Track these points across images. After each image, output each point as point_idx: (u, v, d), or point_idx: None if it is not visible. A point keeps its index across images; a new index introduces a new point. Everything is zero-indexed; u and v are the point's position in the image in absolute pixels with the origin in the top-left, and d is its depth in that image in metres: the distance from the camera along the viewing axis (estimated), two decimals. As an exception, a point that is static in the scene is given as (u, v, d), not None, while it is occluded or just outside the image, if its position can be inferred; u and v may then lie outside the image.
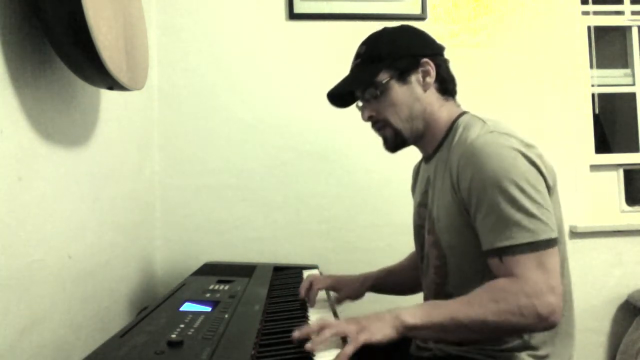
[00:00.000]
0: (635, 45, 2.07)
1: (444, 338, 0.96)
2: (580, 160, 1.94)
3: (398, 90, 1.01)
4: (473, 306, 0.83)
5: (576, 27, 1.97)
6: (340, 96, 1.11)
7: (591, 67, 2.01)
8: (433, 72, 1.01)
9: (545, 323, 0.82)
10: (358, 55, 1.06)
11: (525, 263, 0.83)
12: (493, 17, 1.91)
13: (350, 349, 0.77)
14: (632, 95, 2.08)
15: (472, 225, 0.91)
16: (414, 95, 1.01)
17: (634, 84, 2.07)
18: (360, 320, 0.83)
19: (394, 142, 1.06)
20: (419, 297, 1.19)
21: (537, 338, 0.92)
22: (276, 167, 1.81)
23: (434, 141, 1.05)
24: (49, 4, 0.80)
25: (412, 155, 1.82)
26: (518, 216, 0.84)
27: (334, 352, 0.78)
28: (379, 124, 1.05)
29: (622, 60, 2.11)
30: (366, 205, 1.83)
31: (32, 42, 0.89)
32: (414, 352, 1.08)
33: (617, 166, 2.02)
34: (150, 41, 1.47)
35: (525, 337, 0.91)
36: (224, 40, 1.81)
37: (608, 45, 2.16)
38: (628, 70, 2.08)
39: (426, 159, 1.10)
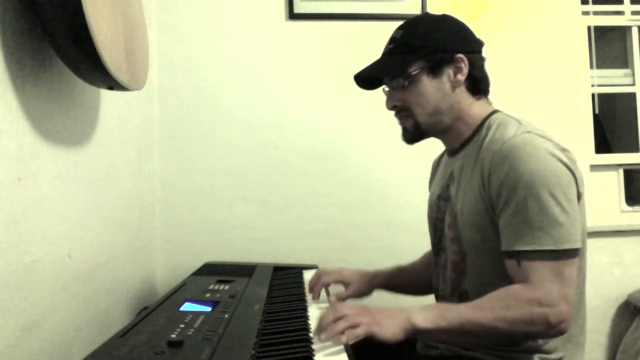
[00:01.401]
0: (635, 45, 2.07)
1: (452, 342, 0.96)
2: (580, 160, 1.92)
3: (427, 84, 0.99)
4: (484, 312, 0.82)
5: (576, 27, 1.97)
6: (368, 79, 1.08)
7: (591, 67, 2.01)
8: (465, 70, 0.99)
9: (554, 331, 0.82)
10: (392, 40, 1.03)
11: (543, 270, 0.82)
12: (493, 17, 1.91)
13: (360, 331, 0.78)
14: (632, 95, 2.08)
15: (496, 224, 0.90)
16: (442, 90, 0.99)
17: (634, 84, 2.07)
18: (373, 311, 0.83)
19: (412, 134, 1.04)
20: (428, 298, 1.19)
21: (549, 342, 0.91)
22: (276, 167, 1.81)
23: (461, 136, 1.03)
24: (49, 4, 0.80)
25: (412, 155, 1.82)
26: (544, 222, 0.83)
27: (334, 351, 0.78)
28: (403, 114, 1.04)
29: (622, 60, 2.11)
30: (366, 205, 1.83)
31: (32, 42, 0.88)
32: (421, 350, 1.07)
33: (617, 166, 2.02)
34: (150, 41, 1.47)
35: (540, 341, 0.90)
36: (224, 40, 1.81)
37: (608, 45, 2.16)
38: (628, 70, 2.08)
39: (450, 152, 1.08)
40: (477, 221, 0.94)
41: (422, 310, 0.83)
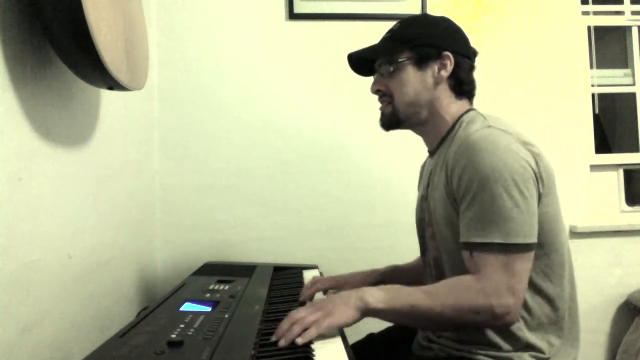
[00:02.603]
0: (635, 45, 2.07)
1: (402, 323, 1.01)
2: (580, 160, 1.94)
3: (411, 73, 1.03)
4: (433, 298, 0.86)
5: (576, 27, 1.97)
6: (361, 64, 1.13)
7: (591, 67, 2.01)
8: (449, 67, 1.01)
9: (499, 322, 0.86)
10: (390, 30, 1.08)
11: (493, 262, 0.85)
12: (493, 17, 1.91)
13: (313, 331, 0.81)
14: (632, 95, 2.08)
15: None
16: (424, 83, 1.02)
17: (634, 84, 2.07)
18: (326, 304, 0.86)
19: (389, 120, 1.08)
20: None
21: (542, 341, 0.92)
22: (276, 167, 1.81)
23: (438, 135, 1.05)
24: (48, 4, 0.80)
25: (412, 155, 1.82)
26: (495, 215, 0.85)
27: (334, 351, 0.78)
28: (384, 99, 1.08)
29: (622, 60, 2.12)
30: (366, 205, 1.83)
31: (32, 42, 0.89)
32: (416, 350, 1.08)
33: (617, 166, 2.02)
34: (150, 41, 1.47)
35: (530, 340, 0.91)
36: (224, 40, 1.81)
37: (608, 45, 2.16)
38: (628, 70, 2.08)
39: (431, 153, 1.11)
40: (445, 217, 0.96)
41: (375, 291, 0.87)
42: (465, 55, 1.04)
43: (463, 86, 1.04)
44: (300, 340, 0.80)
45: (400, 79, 1.03)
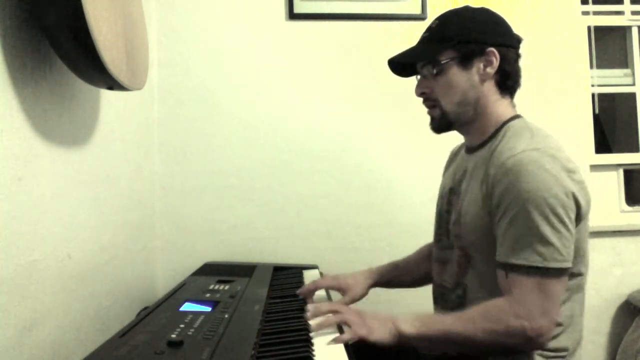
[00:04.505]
0: (635, 45, 2.07)
1: (435, 350, 0.98)
2: (580, 160, 1.94)
3: (456, 74, 1.00)
4: (466, 323, 0.87)
5: (576, 27, 1.96)
6: (401, 66, 1.10)
7: (591, 67, 2.01)
8: (496, 64, 0.99)
9: (532, 344, 0.87)
10: (428, 29, 1.05)
11: (527, 285, 0.85)
12: (493, 17, 1.90)
13: (347, 336, 0.82)
14: (632, 95, 2.08)
15: (494, 230, 0.92)
16: (470, 82, 1.00)
17: (634, 84, 2.07)
18: (364, 315, 0.88)
19: (439, 123, 1.05)
20: (425, 289, 1.20)
21: (552, 343, 0.92)
22: (276, 167, 1.81)
23: (482, 135, 1.03)
24: (49, 4, 0.80)
25: (412, 155, 1.82)
26: (535, 239, 0.85)
27: (334, 351, 0.78)
28: (430, 102, 1.05)
29: (622, 60, 2.11)
30: (366, 205, 1.83)
31: (32, 42, 0.89)
32: (422, 350, 1.08)
33: (617, 166, 2.02)
34: (150, 41, 1.47)
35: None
36: (224, 40, 1.81)
37: (608, 45, 2.16)
38: (628, 70, 2.08)
39: (469, 149, 1.09)
40: (478, 225, 0.95)
41: (408, 317, 0.89)
42: (510, 45, 1.02)
43: (508, 80, 1.02)
44: (337, 341, 0.81)
45: (445, 81, 1.01)
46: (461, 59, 0.99)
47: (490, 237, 0.93)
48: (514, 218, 0.87)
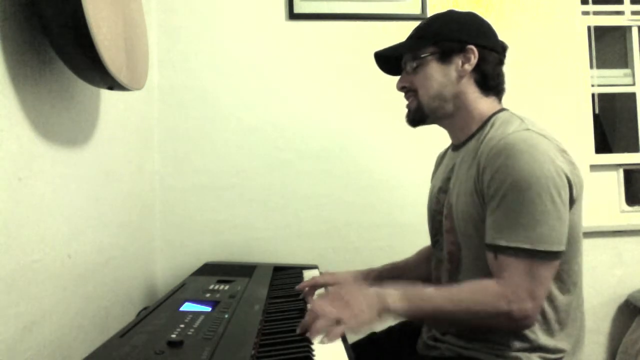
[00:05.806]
0: (635, 45, 2.07)
1: (421, 322, 1.04)
2: (580, 160, 1.94)
3: (435, 68, 1.03)
4: (454, 301, 0.88)
5: (576, 27, 1.97)
6: (389, 64, 1.13)
7: (591, 67, 2.01)
8: (473, 61, 1.01)
9: (517, 325, 0.87)
10: (415, 28, 1.09)
11: (517, 267, 0.85)
12: (493, 17, 1.90)
13: (339, 331, 0.82)
14: (632, 95, 2.08)
15: (485, 217, 0.92)
16: (448, 77, 1.02)
17: (634, 84, 2.07)
18: (349, 299, 0.87)
19: (414, 116, 1.08)
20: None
21: (552, 344, 0.92)
22: (276, 167, 1.81)
23: (467, 131, 1.05)
24: (48, 4, 0.80)
25: (412, 155, 1.82)
26: (524, 220, 0.84)
27: (334, 351, 0.78)
28: (409, 94, 1.08)
29: (622, 60, 2.11)
30: (366, 205, 1.83)
31: (32, 42, 0.89)
32: (421, 350, 1.07)
33: (617, 166, 2.02)
34: (150, 41, 1.47)
35: (542, 342, 0.91)
36: (224, 40, 1.81)
37: (608, 45, 2.16)
38: (628, 70, 2.08)
39: (455, 147, 1.11)
40: (470, 213, 0.95)
41: (395, 293, 0.88)
42: (492, 49, 1.03)
43: (489, 81, 1.03)
44: (326, 341, 0.81)
45: (424, 74, 1.04)
46: (441, 55, 1.02)
47: (481, 225, 0.92)
48: (504, 198, 0.87)
